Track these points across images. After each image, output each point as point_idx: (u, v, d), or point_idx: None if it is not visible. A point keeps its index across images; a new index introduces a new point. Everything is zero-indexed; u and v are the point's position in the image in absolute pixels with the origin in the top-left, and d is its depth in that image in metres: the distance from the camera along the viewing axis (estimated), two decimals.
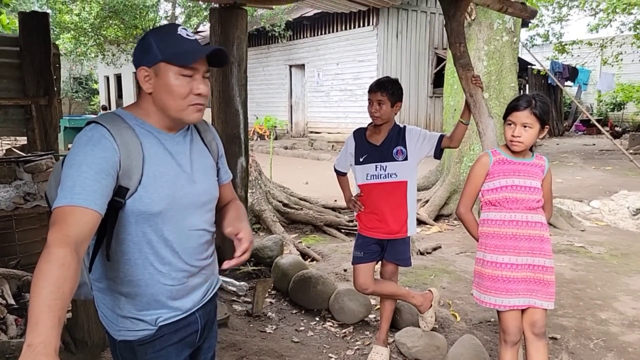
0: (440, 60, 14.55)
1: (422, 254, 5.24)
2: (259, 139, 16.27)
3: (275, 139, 15.97)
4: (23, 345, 1.06)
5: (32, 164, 2.77)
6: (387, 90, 2.76)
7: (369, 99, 2.84)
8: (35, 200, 2.66)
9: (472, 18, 6.48)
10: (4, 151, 3.44)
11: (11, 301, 2.97)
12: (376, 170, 2.89)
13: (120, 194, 1.32)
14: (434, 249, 5.41)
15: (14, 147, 3.40)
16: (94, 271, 1.45)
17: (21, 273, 3.26)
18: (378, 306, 3.84)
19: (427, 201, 6.99)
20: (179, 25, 1.42)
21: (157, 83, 1.37)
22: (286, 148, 14.79)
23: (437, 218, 6.75)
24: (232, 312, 3.63)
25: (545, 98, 2.27)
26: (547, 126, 2.23)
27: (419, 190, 7.73)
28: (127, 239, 1.37)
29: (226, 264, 1.46)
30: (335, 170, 3.22)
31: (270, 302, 3.96)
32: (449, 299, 4.00)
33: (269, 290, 4.11)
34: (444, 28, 2.73)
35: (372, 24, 13.70)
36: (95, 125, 1.34)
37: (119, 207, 1.34)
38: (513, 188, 2.22)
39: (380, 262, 3.15)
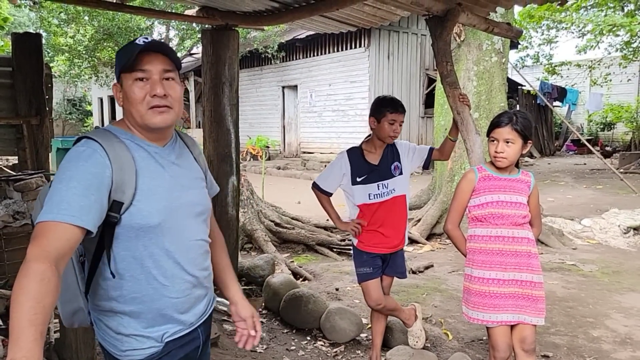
0: (431, 81, 14.73)
1: (414, 272, 5.23)
2: (252, 159, 16.30)
3: (269, 159, 16.02)
4: None
5: (22, 182, 2.77)
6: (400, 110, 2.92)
7: (393, 119, 2.88)
8: (25, 218, 2.66)
9: (462, 39, 6.61)
10: None
11: None
12: (379, 189, 2.92)
13: (114, 209, 1.32)
14: (426, 268, 5.41)
15: (4, 167, 3.40)
16: (93, 293, 1.43)
17: (10, 293, 3.23)
18: (370, 325, 3.83)
19: (419, 220, 7.00)
20: (142, 36, 1.43)
21: (123, 95, 1.40)
22: (279, 168, 14.81)
23: (429, 237, 6.76)
24: (223, 332, 3.60)
25: (527, 114, 2.32)
26: (529, 141, 2.27)
27: (411, 209, 7.77)
28: (127, 255, 1.36)
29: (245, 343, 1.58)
30: (319, 189, 3.14)
31: (261, 322, 3.92)
32: (441, 317, 3.99)
33: (260, 309, 4.08)
34: (431, 48, 2.79)
35: (364, 46, 13.90)
36: (87, 140, 1.34)
37: (115, 222, 1.33)
38: (499, 204, 2.24)
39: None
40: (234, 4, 3.50)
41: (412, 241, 6.48)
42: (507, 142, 2.21)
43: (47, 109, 3.62)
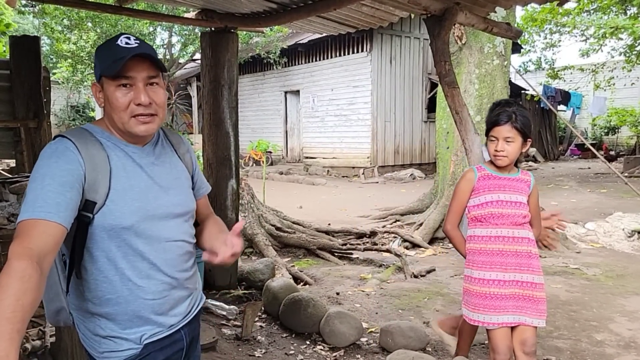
0: (434, 85, 14.70)
1: (416, 276, 5.19)
2: (254, 164, 16.29)
3: (271, 164, 16.01)
4: None
5: (17, 184, 2.75)
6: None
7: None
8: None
9: (463, 42, 6.59)
10: None
11: None
12: None
13: (87, 208, 1.30)
14: (428, 272, 5.36)
15: (2, 170, 3.39)
16: (71, 294, 1.41)
17: None
18: (370, 329, 3.79)
19: (421, 224, 6.96)
20: (123, 34, 1.38)
21: (104, 97, 1.36)
22: (281, 173, 14.80)
23: (432, 241, 6.71)
24: (221, 336, 3.56)
25: (525, 112, 2.29)
26: (529, 139, 2.24)
27: (412, 213, 7.75)
28: (101, 255, 1.34)
29: (206, 255, 1.41)
30: None
31: (260, 326, 3.89)
32: None
33: (259, 313, 4.05)
34: (430, 47, 2.76)
35: (366, 50, 13.90)
36: (61, 139, 1.32)
37: (88, 222, 1.31)
38: (499, 203, 2.21)
39: None
40: (233, 5, 3.49)
41: (414, 245, 6.44)
42: (507, 141, 2.18)
43: (45, 112, 3.60)
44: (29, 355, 2.80)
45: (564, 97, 17.40)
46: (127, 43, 1.32)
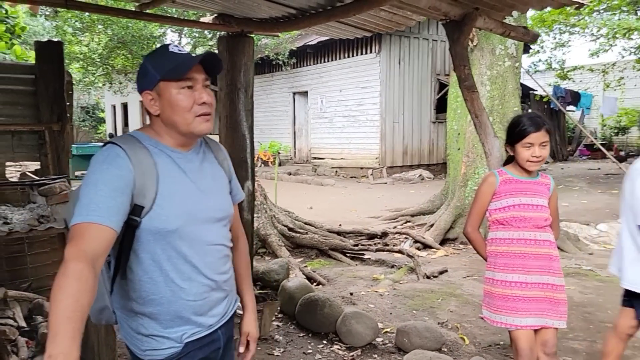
0: (442, 86, 14.73)
1: (428, 277, 5.23)
2: (262, 165, 16.38)
3: (279, 165, 16.07)
4: (44, 356, 1.08)
5: (46, 187, 2.81)
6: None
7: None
8: (49, 222, 2.70)
9: (474, 44, 6.62)
10: (18, 175, 3.49)
11: (22, 324, 2.97)
12: None
13: (135, 212, 1.35)
14: (441, 273, 5.40)
15: (27, 172, 3.46)
16: (116, 293, 1.46)
17: (32, 296, 3.28)
18: (385, 329, 3.84)
19: (432, 225, 6.99)
20: (170, 43, 1.46)
21: (162, 103, 1.41)
22: (290, 174, 14.86)
23: (443, 242, 6.74)
24: (239, 335, 3.61)
25: (540, 115, 2.36)
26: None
27: (423, 214, 7.78)
28: (146, 257, 1.39)
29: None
30: None
31: (277, 325, 3.95)
32: (457, 322, 3.98)
33: (276, 313, 4.10)
34: (449, 52, 2.80)
35: (375, 51, 13.94)
36: (112, 145, 1.38)
37: (136, 225, 1.36)
38: (521, 207, 2.25)
39: None
40: (251, 10, 3.55)
41: (426, 246, 6.48)
42: (543, 145, 2.24)
43: (68, 115, 3.67)
44: None
45: (574, 98, 17.35)
46: (179, 50, 1.42)
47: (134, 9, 3.65)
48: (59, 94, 3.56)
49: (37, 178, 3.18)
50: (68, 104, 3.69)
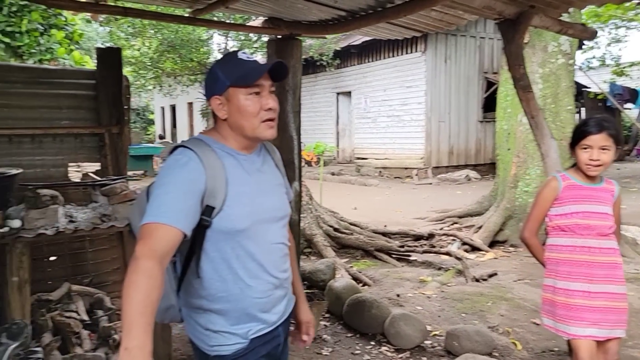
0: (490, 84, 14.39)
1: (477, 280, 5.13)
2: (306, 165, 16.49)
3: (323, 165, 16.13)
4: (120, 349, 1.14)
5: (108, 187, 2.95)
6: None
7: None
8: (110, 221, 2.84)
9: (526, 41, 6.43)
10: (80, 176, 3.67)
11: (85, 317, 3.13)
12: None
13: (207, 213, 1.40)
14: (490, 276, 5.28)
15: (89, 173, 3.64)
16: (184, 291, 1.52)
17: (94, 291, 3.45)
18: (434, 332, 3.80)
19: (480, 227, 6.85)
20: (238, 50, 1.51)
21: (230, 108, 1.46)
22: (333, 174, 14.89)
23: (492, 244, 6.59)
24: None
25: (610, 118, 2.25)
26: (619, 147, 2.20)
27: (471, 215, 7.63)
28: (217, 256, 1.44)
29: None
30: None
31: (325, 325, 3.98)
32: (508, 326, 3.90)
33: (323, 313, 4.14)
34: (503, 51, 2.75)
35: (420, 50, 13.77)
36: (184, 149, 1.44)
37: (207, 225, 1.41)
38: (585, 215, 2.17)
39: None
40: (300, 13, 3.59)
41: (474, 248, 6.36)
42: (603, 149, 2.15)
43: (126, 118, 3.84)
44: (117, 347, 3.01)
45: (632, 95, 16.52)
46: (248, 57, 1.47)
47: (187, 15, 3.77)
48: (118, 97, 3.73)
49: (99, 178, 3.34)
50: (126, 107, 3.86)
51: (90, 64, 10.01)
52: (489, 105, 13.97)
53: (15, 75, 3.55)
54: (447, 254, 5.81)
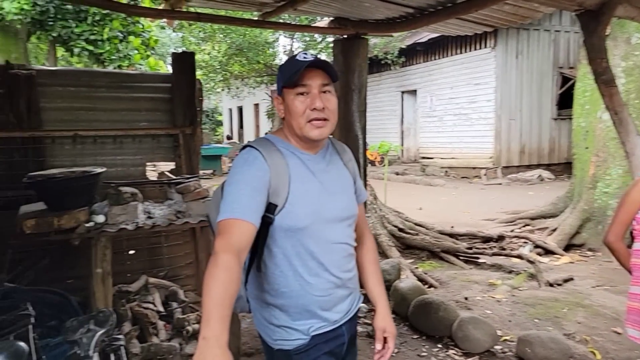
0: (565, 80, 13.66)
1: (551, 285, 4.89)
2: (369, 165, 16.42)
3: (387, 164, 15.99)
4: (199, 337, 1.20)
5: (182, 185, 3.10)
6: None
7: None
8: (184, 217, 2.97)
9: (607, 33, 6.05)
10: (157, 175, 3.88)
11: (160, 308, 3.31)
12: None
13: (270, 210, 1.45)
14: (565, 281, 5.02)
15: (165, 171, 3.83)
16: (250, 284, 1.58)
17: (168, 284, 3.63)
18: (504, 337, 3.66)
19: (555, 229, 6.53)
20: (302, 51, 1.53)
21: (285, 107, 1.51)
22: (397, 174, 14.72)
23: (567, 248, 6.25)
24: (357, 334, 3.67)
25: None
26: None
27: (544, 217, 7.29)
28: (278, 252, 1.48)
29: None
30: None
31: None
32: (586, 334, 3.69)
33: None
34: (583, 44, 2.60)
35: (490, 46, 13.31)
36: (250, 149, 1.50)
37: (270, 222, 1.46)
38: None
39: None
40: (367, 12, 3.59)
41: (548, 252, 6.06)
42: None
43: (198, 119, 4.01)
44: (190, 338, 3.15)
45: None
46: (304, 57, 1.48)
47: (256, 18, 3.88)
48: (191, 100, 3.90)
49: (174, 177, 3.51)
50: (198, 109, 4.03)
51: (164, 68, 10.54)
52: (564, 101, 13.28)
53: (99, 80, 3.81)
54: (519, 257, 5.58)
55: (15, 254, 3.30)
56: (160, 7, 3.71)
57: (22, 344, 1.72)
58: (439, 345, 3.60)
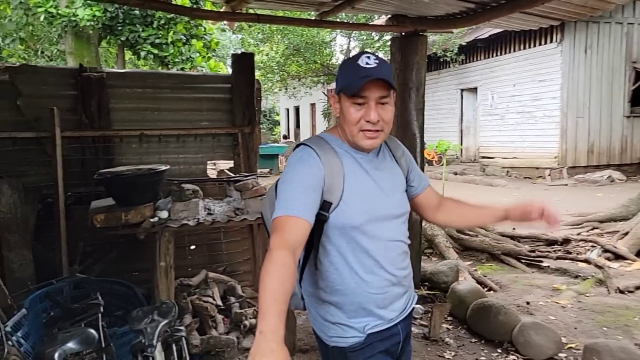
0: (639, 75, 12.84)
1: (622, 292, 4.61)
2: (427, 164, 16.14)
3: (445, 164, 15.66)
4: (256, 331, 1.22)
5: (241, 183, 3.18)
6: None
7: None
8: (243, 214, 3.05)
9: None
10: (217, 173, 4.01)
11: (219, 302, 3.40)
12: None
13: (325, 208, 1.45)
14: (638, 288, 4.71)
15: (225, 169, 3.96)
16: (305, 281, 1.59)
17: (227, 279, 3.73)
18: (569, 345, 3.50)
19: (626, 233, 6.14)
20: (364, 52, 1.49)
21: (340, 109, 1.51)
22: (455, 174, 14.36)
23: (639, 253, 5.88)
24: (412, 335, 3.63)
25: None
26: None
27: (614, 220, 6.88)
28: (333, 250, 1.49)
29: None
30: None
31: (447, 328, 3.87)
32: None
33: (446, 315, 4.02)
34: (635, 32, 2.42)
35: (556, 41, 12.71)
36: (304, 147, 1.51)
37: (324, 220, 1.47)
38: None
39: None
40: (426, 8, 3.53)
41: (618, 257, 5.72)
42: None
43: (257, 119, 4.10)
44: (248, 332, 3.22)
45: None
46: (367, 63, 1.44)
47: (314, 18, 3.91)
48: (250, 100, 4.00)
49: (233, 175, 3.61)
50: (257, 109, 4.12)
51: (224, 70, 10.87)
52: (638, 98, 12.48)
53: (164, 81, 3.99)
54: (586, 261, 5.31)
55: (87, 246, 3.52)
56: (221, 10, 3.82)
57: (92, 330, 1.83)
58: (499, 350, 3.49)
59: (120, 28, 8.99)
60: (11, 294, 2.83)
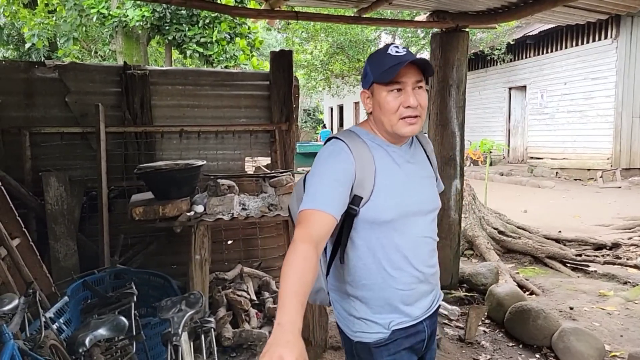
0: None
1: None
2: (472, 164, 15.76)
3: (490, 164, 15.26)
4: (274, 323, 1.23)
5: (276, 179, 3.21)
6: None
7: None
8: (277, 210, 3.08)
9: None
10: (254, 169, 4.06)
11: (253, 297, 3.46)
12: None
13: (355, 202, 1.44)
14: None
15: (262, 166, 4.01)
16: (332, 276, 1.59)
17: (261, 274, 3.78)
18: (613, 353, 3.34)
19: None
20: (391, 44, 1.48)
21: (374, 102, 1.48)
22: (502, 174, 13.96)
23: None
24: (444, 335, 3.57)
25: None
26: None
27: None
28: (362, 244, 1.48)
29: None
30: None
31: (484, 331, 3.77)
32: None
33: (482, 318, 3.92)
34: None
35: (611, 37, 12.12)
36: (336, 141, 1.50)
37: (355, 214, 1.45)
38: None
39: None
40: (467, 4, 3.45)
41: None
42: None
43: (294, 116, 4.13)
44: None
45: None
46: (397, 52, 1.44)
47: (353, 15, 3.89)
48: (287, 97, 4.03)
49: (269, 171, 3.65)
50: (295, 106, 4.14)
51: (268, 68, 11.02)
52: None
53: (204, 78, 4.07)
54: (636, 267, 5.06)
55: (127, 238, 3.65)
56: (261, 8, 3.86)
57: (123, 318, 1.90)
58: (537, 355, 3.37)
59: (167, 28, 9.25)
60: (56, 282, 2.97)
